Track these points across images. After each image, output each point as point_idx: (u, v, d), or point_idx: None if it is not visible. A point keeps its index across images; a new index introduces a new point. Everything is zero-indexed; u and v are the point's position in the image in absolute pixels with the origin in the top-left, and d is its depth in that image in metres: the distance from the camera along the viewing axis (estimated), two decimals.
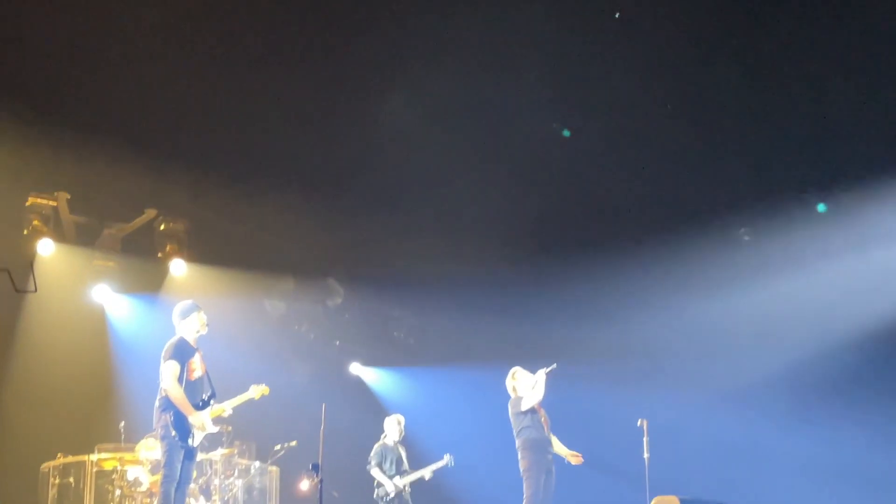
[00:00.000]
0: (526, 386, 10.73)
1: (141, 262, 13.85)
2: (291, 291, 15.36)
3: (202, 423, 9.34)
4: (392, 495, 12.45)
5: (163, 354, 9.38)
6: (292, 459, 13.12)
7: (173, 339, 9.49)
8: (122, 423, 11.91)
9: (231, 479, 12.54)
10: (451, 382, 15.41)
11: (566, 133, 13.11)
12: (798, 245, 12.78)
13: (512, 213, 13.35)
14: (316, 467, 9.90)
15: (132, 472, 11.40)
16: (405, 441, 13.05)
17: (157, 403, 9.36)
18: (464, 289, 14.52)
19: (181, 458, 9.23)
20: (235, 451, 12.83)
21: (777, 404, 13.59)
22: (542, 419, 10.65)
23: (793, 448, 13.28)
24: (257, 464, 13.17)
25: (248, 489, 12.94)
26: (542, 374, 10.60)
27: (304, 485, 13.57)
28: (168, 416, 9.21)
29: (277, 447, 13.13)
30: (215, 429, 9.58)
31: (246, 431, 13.48)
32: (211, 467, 12.45)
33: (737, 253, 13.23)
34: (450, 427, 14.93)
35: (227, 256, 14.03)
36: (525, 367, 10.89)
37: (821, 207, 13.14)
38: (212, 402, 9.59)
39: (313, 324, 15.87)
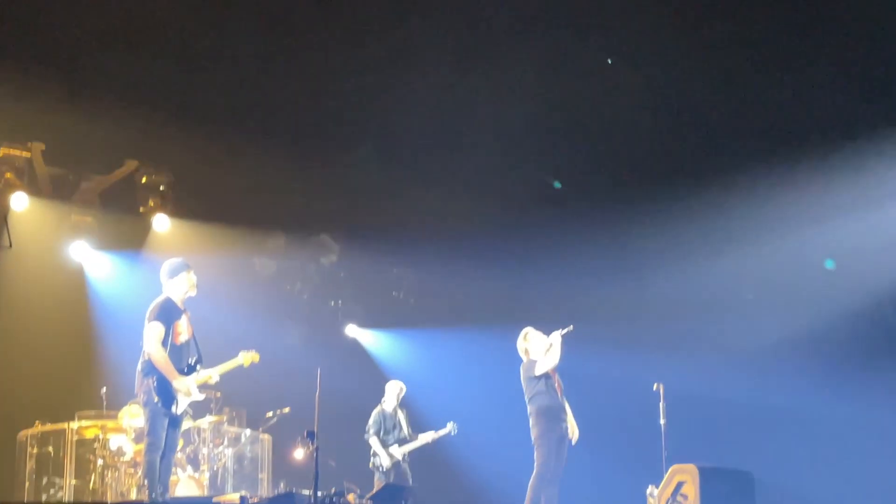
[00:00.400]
0: (539, 348, 10.48)
1: (121, 217, 13.70)
2: (283, 248, 15.23)
3: (187, 388, 9.18)
4: (387, 467, 12.31)
5: (147, 315, 9.24)
6: (285, 427, 13.04)
7: (159, 299, 9.34)
8: (104, 390, 11.79)
9: (220, 449, 12.46)
10: (456, 345, 15.28)
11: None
12: (827, 195, 12.58)
13: (522, 164, 13.16)
14: (311, 435, 9.80)
15: (115, 441, 11.30)
16: (406, 404, 12.91)
17: (139, 367, 9.22)
18: (469, 245, 14.36)
19: (165, 425, 9.08)
20: (225, 419, 12.77)
21: (803, 367, 13.46)
22: (556, 384, 10.43)
23: (819, 414, 13.16)
24: (248, 432, 13.12)
25: (239, 458, 12.87)
26: (557, 336, 10.35)
27: (299, 453, 13.52)
28: (151, 381, 9.05)
29: (269, 414, 13.08)
30: (201, 396, 9.44)
31: (236, 397, 13.40)
32: (199, 436, 12.37)
33: (759, 207, 13.03)
34: (454, 393, 14.82)
35: (213, 211, 13.90)
36: (537, 329, 10.64)
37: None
38: (198, 367, 9.41)
39: (306, 283, 15.76)
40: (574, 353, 10.56)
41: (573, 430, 10.49)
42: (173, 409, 9.12)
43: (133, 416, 11.23)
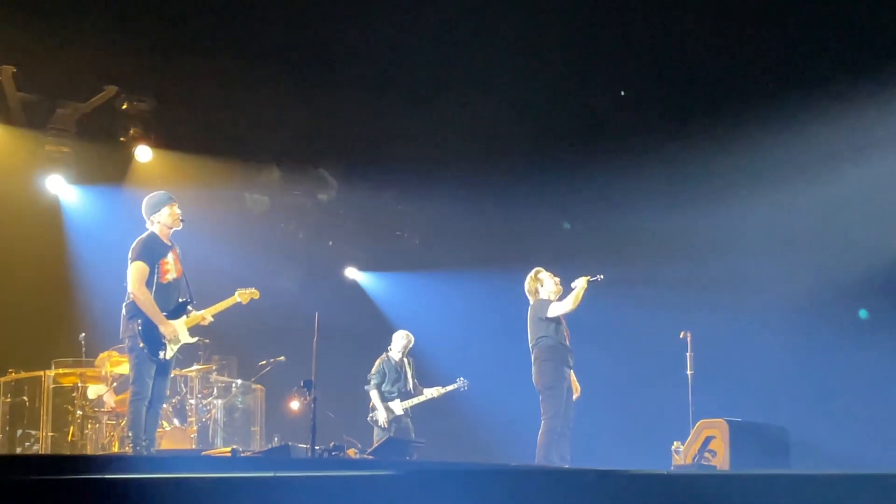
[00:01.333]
0: (550, 290, 10.51)
1: (101, 147, 13.63)
2: (276, 183, 15.20)
3: (175, 332, 9.24)
4: (385, 423, 12.38)
5: (130, 254, 9.29)
6: (280, 376, 13.13)
7: (142, 236, 9.40)
8: (83, 335, 11.85)
9: (209, 399, 12.56)
10: (466, 290, 15.32)
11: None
12: (879, 126, 12.51)
13: (539, 89, 13.06)
14: (308, 385, 9.88)
15: (94, 390, 11.37)
16: (412, 354, 12.98)
17: (123, 311, 9.27)
18: (482, 179, 14.31)
19: (152, 373, 9.15)
20: (214, 367, 12.85)
21: (844, 317, 13.45)
22: (565, 331, 10.43)
23: (860, 367, 13.15)
24: (239, 381, 13.20)
25: (230, 410, 12.97)
26: (582, 281, 10.30)
27: (295, 405, 13.60)
28: (136, 324, 9.11)
29: (263, 363, 13.15)
30: (191, 340, 9.50)
31: (226, 344, 13.48)
32: (186, 385, 12.47)
33: (803, 139, 12.96)
34: (463, 343, 14.90)
35: (200, 142, 13.86)
36: (554, 273, 10.66)
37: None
38: (188, 308, 9.44)
39: (302, 221, 15.76)
40: (595, 298, 10.57)
41: (575, 387, 10.48)
42: (161, 355, 9.19)
43: (113, 364, 11.33)
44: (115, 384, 11.84)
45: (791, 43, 12.59)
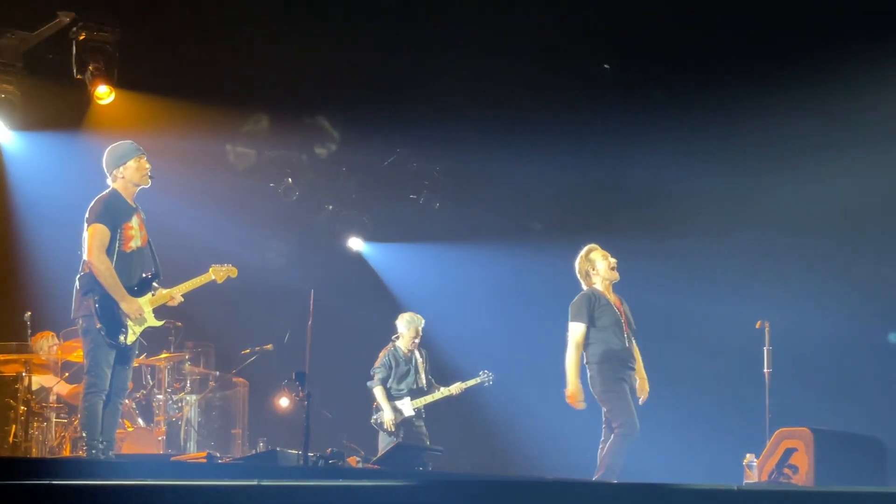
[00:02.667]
0: (603, 275, 10.48)
1: (52, 86, 13.59)
2: (265, 133, 15.19)
3: (140, 311, 9.25)
4: (390, 426, 12.39)
5: (87, 215, 9.29)
6: (267, 368, 13.17)
7: (103, 195, 9.39)
8: (28, 314, 11.90)
9: (181, 395, 12.61)
10: (493, 266, 15.31)
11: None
12: None
13: (587, 12, 13.02)
14: (300, 378, 9.89)
15: (40, 381, 11.41)
16: (426, 344, 12.99)
17: (76, 284, 9.28)
18: (513, 132, 14.25)
19: (111, 361, 9.17)
20: (187, 356, 12.92)
21: None
22: (624, 321, 10.41)
23: None
24: (217, 374, 13.25)
25: (206, 408, 13.04)
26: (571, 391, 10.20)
27: (284, 402, 13.65)
28: (92, 301, 9.13)
29: (246, 351, 13.18)
30: (158, 322, 9.50)
31: (202, 329, 13.54)
32: (153, 377, 12.55)
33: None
34: (488, 329, 14.90)
35: (173, 81, 13.82)
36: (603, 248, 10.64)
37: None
38: (155, 283, 9.46)
39: (296, 179, 15.75)
40: (653, 279, 10.58)
41: (643, 386, 10.48)
42: (121, 338, 9.19)
43: (65, 351, 11.39)
44: (66, 374, 11.92)
45: None
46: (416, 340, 12.73)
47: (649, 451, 11.55)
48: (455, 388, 12.72)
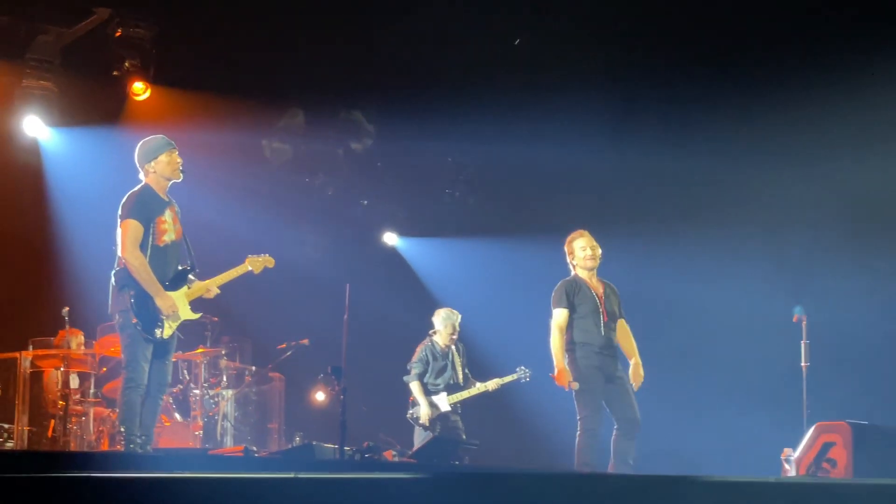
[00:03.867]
0: (578, 264, 10.85)
1: (89, 82, 13.70)
2: (301, 128, 15.23)
3: (174, 307, 9.28)
4: (427, 420, 12.39)
5: (120, 210, 9.32)
6: (303, 362, 13.19)
7: (135, 190, 9.42)
8: (66, 310, 11.93)
9: (217, 389, 12.62)
10: (528, 261, 15.24)
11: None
12: None
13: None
14: (336, 372, 9.92)
15: (79, 378, 11.50)
16: (463, 339, 12.98)
17: (112, 280, 9.33)
18: (551, 122, 14.20)
19: (148, 355, 9.20)
20: (223, 351, 12.94)
21: None
22: (602, 308, 10.67)
23: None
24: (254, 368, 13.27)
25: (242, 403, 13.04)
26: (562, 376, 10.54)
27: (320, 396, 13.69)
28: (127, 296, 9.16)
29: (282, 346, 13.20)
30: (194, 315, 9.52)
31: (238, 323, 13.57)
32: (190, 372, 12.58)
33: None
34: (525, 324, 14.83)
35: (209, 77, 13.89)
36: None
37: None
38: (190, 276, 9.49)
39: (331, 174, 15.79)
40: (688, 268, 10.55)
41: (636, 371, 10.66)
42: (157, 332, 9.22)
43: (102, 347, 11.46)
44: (104, 370, 11.98)
45: None
46: (454, 336, 12.73)
47: (687, 443, 11.56)
48: (492, 383, 12.68)
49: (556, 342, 10.50)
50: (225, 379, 12.81)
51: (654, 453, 11.33)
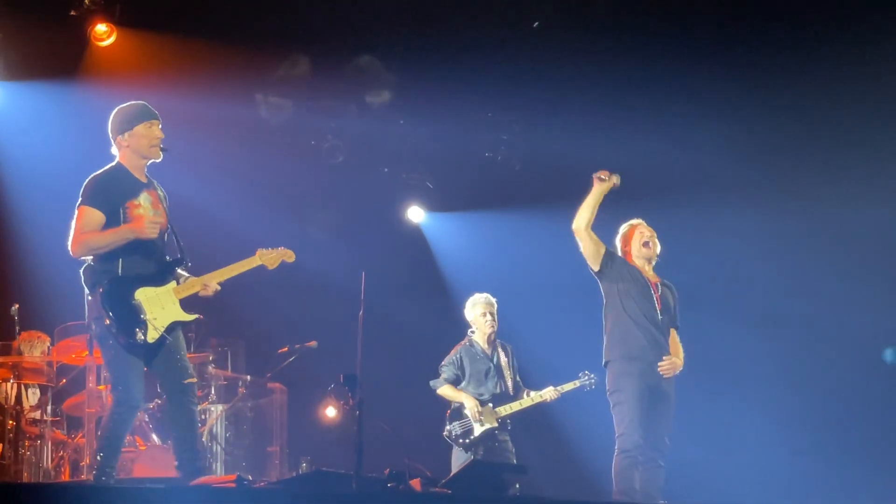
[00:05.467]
0: (636, 254, 11.36)
1: (40, 25, 13.66)
2: (304, 79, 15.23)
3: (157, 296, 9.25)
4: (472, 436, 12.40)
5: (81, 194, 9.22)
6: (309, 369, 13.25)
7: (102, 170, 9.35)
8: (15, 308, 12.02)
9: (204, 405, 12.69)
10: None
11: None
12: None
13: None
14: (351, 382, 9.94)
15: (34, 392, 11.57)
16: (508, 337, 12.99)
17: (81, 280, 9.22)
18: (610, 72, 14.23)
19: (138, 368, 9.16)
20: (211, 357, 12.99)
21: None
22: (654, 290, 11.17)
23: None
24: (249, 378, 13.33)
25: (235, 420, 13.12)
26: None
27: (331, 411, 13.73)
28: (97, 296, 9.07)
29: (284, 349, 13.24)
30: (189, 317, 9.42)
31: (230, 322, 13.60)
32: None
33: None
34: (584, 321, 14.86)
35: (190, 17, 13.91)
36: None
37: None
38: (179, 270, 9.49)
39: (343, 137, 15.80)
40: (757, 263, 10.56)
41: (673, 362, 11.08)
42: (139, 335, 9.13)
43: (60, 353, 11.54)
44: (64, 381, 12.05)
45: None
46: (492, 324, 12.66)
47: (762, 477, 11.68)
48: (548, 393, 12.62)
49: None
50: (213, 391, 12.89)
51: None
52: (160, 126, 9.45)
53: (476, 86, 15.13)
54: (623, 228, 11.45)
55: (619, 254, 11.41)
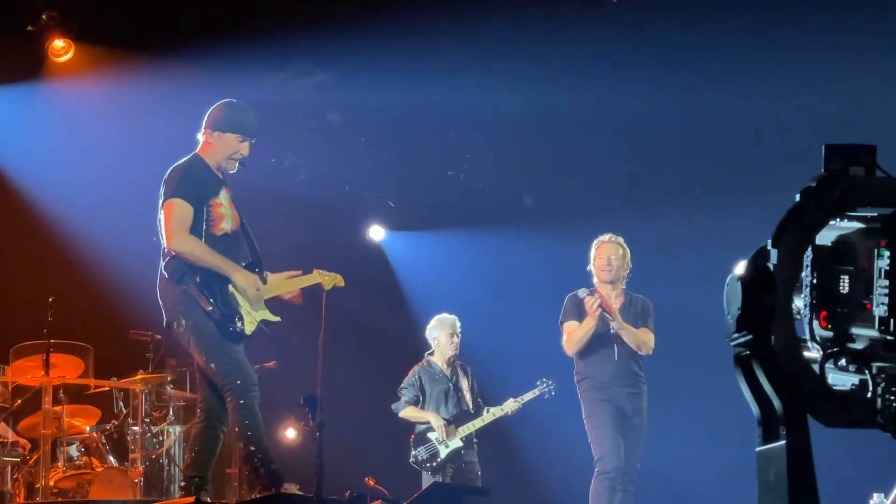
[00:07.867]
0: (596, 272, 11.68)
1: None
2: (261, 92, 15.17)
3: (256, 284, 9.23)
4: (438, 459, 12.43)
5: (163, 187, 9.15)
6: (268, 390, 13.19)
7: (180, 163, 9.30)
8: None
9: (162, 426, 12.67)
10: (551, 256, 15.28)
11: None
12: None
13: None
14: (311, 403, 9.96)
15: None
16: (468, 358, 13.02)
17: (162, 274, 9.16)
18: (593, 77, 14.27)
19: (241, 352, 9.25)
20: (169, 377, 12.96)
21: None
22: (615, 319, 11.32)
23: None
24: None
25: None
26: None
27: (291, 433, 13.72)
28: (191, 286, 9.00)
29: None
30: (274, 318, 9.53)
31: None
32: (127, 404, 12.62)
33: None
34: (542, 332, 14.89)
35: (147, 33, 13.98)
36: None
37: None
38: (258, 271, 9.44)
39: (301, 153, 15.80)
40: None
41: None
42: (238, 325, 9.18)
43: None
44: (18, 402, 12.05)
45: None
46: (457, 346, 12.71)
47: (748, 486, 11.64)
48: (509, 406, 12.68)
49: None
50: (171, 412, 12.86)
51: None
52: (250, 145, 9.41)
53: (438, 103, 15.14)
54: (593, 244, 11.57)
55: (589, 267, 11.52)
